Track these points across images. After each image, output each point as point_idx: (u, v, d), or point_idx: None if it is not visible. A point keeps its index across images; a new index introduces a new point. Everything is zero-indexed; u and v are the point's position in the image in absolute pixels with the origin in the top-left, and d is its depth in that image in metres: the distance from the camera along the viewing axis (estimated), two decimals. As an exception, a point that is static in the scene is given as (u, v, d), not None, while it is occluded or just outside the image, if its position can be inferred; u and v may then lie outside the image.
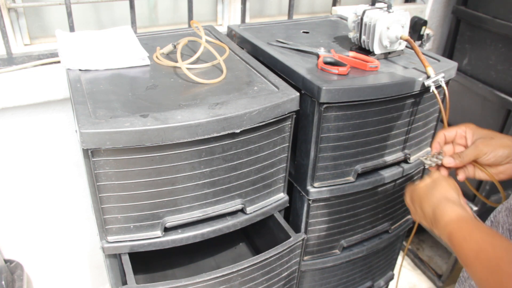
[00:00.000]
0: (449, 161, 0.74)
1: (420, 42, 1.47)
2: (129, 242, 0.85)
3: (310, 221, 1.05)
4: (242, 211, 0.92)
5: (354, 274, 1.24)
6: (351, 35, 1.08)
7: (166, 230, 0.86)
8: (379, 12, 1.00)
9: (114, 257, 0.88)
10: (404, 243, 1.73)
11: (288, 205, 1.01)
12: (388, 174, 1.05)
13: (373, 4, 1.04)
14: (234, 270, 0.85)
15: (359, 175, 1.02)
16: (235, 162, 0.86)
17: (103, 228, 0.83)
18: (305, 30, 1.23)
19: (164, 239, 0.86)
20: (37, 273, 1.43)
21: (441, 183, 0.69)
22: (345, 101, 0.89)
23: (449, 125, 0.80)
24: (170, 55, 1.03)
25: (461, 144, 0.76)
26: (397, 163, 1.08)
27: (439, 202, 0.65)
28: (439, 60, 1.05)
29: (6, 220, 1.31)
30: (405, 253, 1.23)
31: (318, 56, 1.02)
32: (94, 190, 0.78)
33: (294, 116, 0.90)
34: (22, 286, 1.25)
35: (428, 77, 0.94)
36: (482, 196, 0.89)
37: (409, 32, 1.04)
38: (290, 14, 1.49)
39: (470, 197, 1.58)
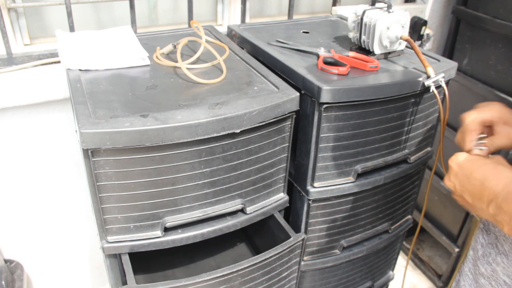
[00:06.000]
0: (481, 152, 0.71)
1: (420, 42, 1.47)
2: (129, 242, 0.85)
3: (310, 221, 1.05)
4: (242, 211, 0.92)
5: (354, 274, 1.24)
6: (351, 35, 1.08)
7: (166, 230, 0.86)
8: (379, 12, 1.00)
9: (114, 257, 0.88)
10: (404, 243, 1.73)
11: (288, 205, 1.01)
12: (388, 174, 1.05)
13: (373, 4, 1.04)
14: (234, 270, 0.85)
15: (359, 175, 1.02)
16: (235, 162, 0.86)
17: (103, 228, 0.83)
18: (305, 30, 1.23)
19: (164, 239, 0.86)
20: (37, 273, 1.43)
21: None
22: (345, 101, 0.89)
23: (448, 125, 0.79)
24: (170, 55, 1.03)
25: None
26: (397, 163, 1.08)
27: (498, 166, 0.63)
28: (439, 60, 1.05)
29: (6, 220, 1.31)
30: (409, 257, 1.23)
31: (318, 56, 1.02)
32: (94, 190, 0.78)
33: (294, 116, 0.90)
34: (22, 286, 1.25)
35: (428, 77, 0.94)
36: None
37: (409, 32, 1.04)
38: (290, 14, 1.49)
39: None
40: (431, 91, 0.94)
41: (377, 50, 1.02)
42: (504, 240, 0.73)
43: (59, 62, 1.16)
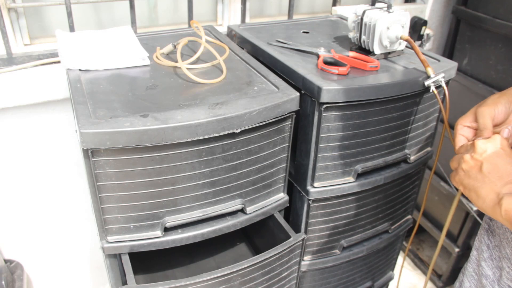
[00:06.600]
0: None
1: (420, 42, 1.47)
2: (129, 242, 0.85)
3: (310, 221, 1.05)
4: (242, 211, 0.92)
5: (354, 274, 1.24)
6: (351, 35, 1.08)
7: (166, 230, 0.86)
8: (379, 12, 1.00)
9: (114, 257, 0.88)
10: (404, 243, 1.73)
11: (288, 205, 1.01)
12: (388, 174, 1.05)
13: (373, 4, 1.04)
14: (234, 270, 0.85)
15: (359, 175, 1.02)
16: (235, 162, 0.86)
17: (103, 228, 0.83)
18: (305, 30, 1.23)
19: (164, 239, 0.86)
20: (37, 273, 1.43)
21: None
22: (345, 101, 0.89)
23: (448, 125, 0.79)
24: (170, 55, 1.03)
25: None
26: (397, 163, 1.08)
27: None
28: (439, 60, 1.05)
29: (6, 220, 1.31)
30: (406, 254, 1.23)
31: (318, 56, 1.02)
32: (94, 190, 0.78)
33: (294, 116, 0.90)
34: (22, 286, 1.25)
35: (428, 77, 0.94)
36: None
37: (409, 32, 1.04)
38: (290, 14, 1.49)
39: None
40: (431, 91, 0.94)
41: (377, 50, 1.02)
42: (506, 243, 0.72)
43: (59, 62, 1.16)
